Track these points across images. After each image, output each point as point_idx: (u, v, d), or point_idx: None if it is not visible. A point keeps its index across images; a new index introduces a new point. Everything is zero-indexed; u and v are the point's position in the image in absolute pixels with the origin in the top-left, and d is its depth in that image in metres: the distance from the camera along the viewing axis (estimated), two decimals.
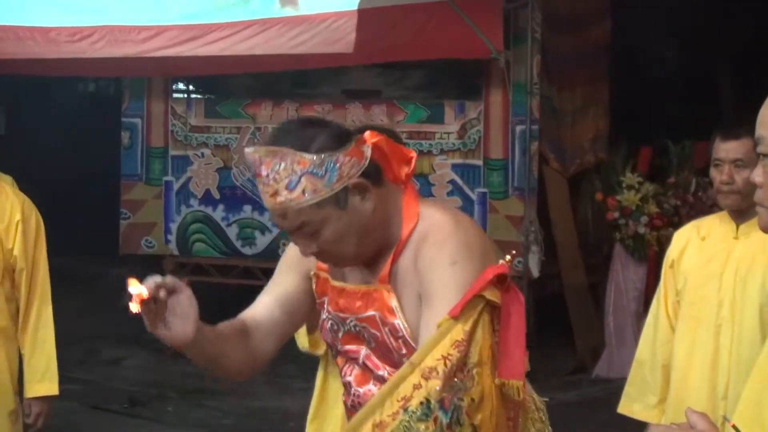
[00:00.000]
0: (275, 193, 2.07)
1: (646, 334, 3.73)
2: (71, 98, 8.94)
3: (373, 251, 2.20)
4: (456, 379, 1.92)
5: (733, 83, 11.46)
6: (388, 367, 2.18)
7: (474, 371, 1.93)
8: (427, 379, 1.90)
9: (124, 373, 8.46)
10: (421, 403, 1.87)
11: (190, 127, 8.70)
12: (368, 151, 2.12)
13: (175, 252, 8.70)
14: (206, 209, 8.59)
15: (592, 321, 8.40)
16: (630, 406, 3.67)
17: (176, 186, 8.74)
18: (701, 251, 3.50)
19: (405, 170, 2.22)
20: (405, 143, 4.06)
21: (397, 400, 1.89)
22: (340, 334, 2.29)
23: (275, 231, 8.24)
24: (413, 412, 1.88)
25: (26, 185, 5.84)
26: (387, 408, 1.90)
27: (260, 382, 7.24)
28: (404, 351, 2.14)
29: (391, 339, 2.16)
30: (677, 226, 4.64)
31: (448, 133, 7.93)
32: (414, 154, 2.29)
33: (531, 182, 7.74)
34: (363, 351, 2.24)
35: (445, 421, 1.88)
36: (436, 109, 8.06)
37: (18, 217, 3.95)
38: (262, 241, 8.52)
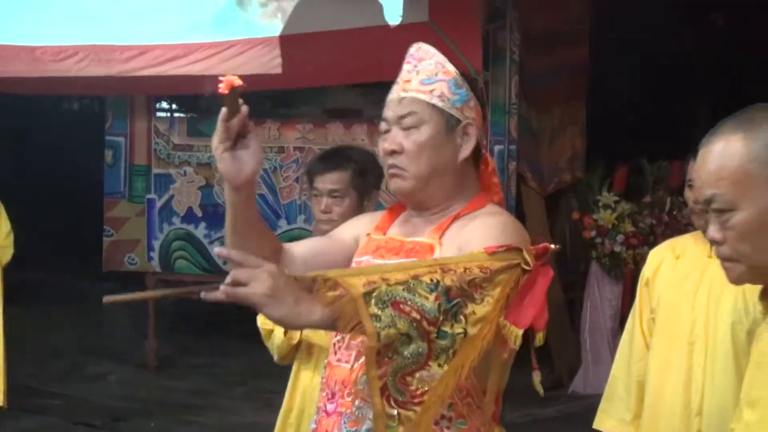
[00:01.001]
0: (408, 81, 2.23)
1: (621, 351, 3.73)
2: (55, 116, 8.90)
3: (428, 199, 2.29)
4: (469, 288, 1.95)
5: (710, 104, 11.35)
6: None
7: (487, 297, 1.97)
8: (444, 272, 1.94)
9: (107, 388, 8.27)
10: (431, 280, 1.92)
11: (172, 145, 8.68)
12: (479, 140, 2.32)
13: (158, 269, 8.62)
14: (188, 227, 8.56)
15: (569, 337, 8.44)
16: (605, 421, 3.65)
17: (159, 204, 8.68)
18: (676, 270, 3.53)
19: (494, 180, 2.37)
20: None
21: (410, 274, 1.94)
22: None
23: None
24: (421, 280, 1.92)
25: (9, 203, 6.01)
26: (398, 274, 1.94)
27: (242, 398, 7.30)
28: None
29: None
30: (652, 244, 4.73)
31: None
32: (499, 190, 2.41)
33: (509, 200, 7.66)
34: None
35: (445, 305, 1.91)
36: None
37: None
38: None
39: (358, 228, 2.49)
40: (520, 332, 2.05)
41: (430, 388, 1.99)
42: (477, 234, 2.21)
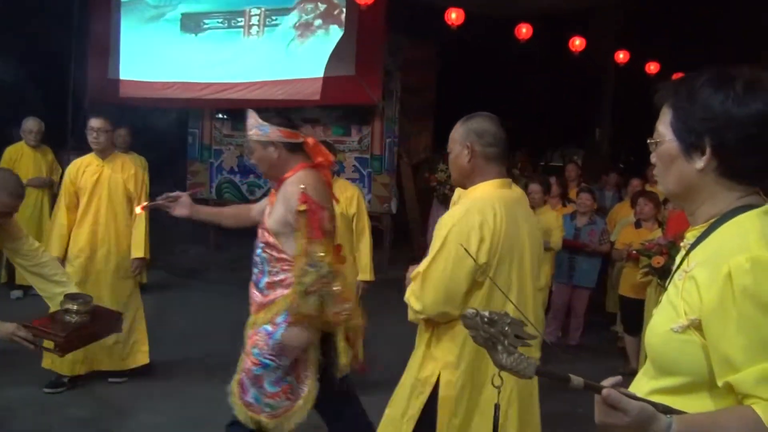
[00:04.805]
0: (246, 130, 2.87)
1: None
2: (161, 118, 9.16)
3: (274, 176, 2.86)
4: (309, 250, 2.58)
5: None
6: (260, 227, 2.87)
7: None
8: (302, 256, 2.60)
9: (188, 257, 9.13)
10: (303, 270, 2.59)
11: (223, 134, 10.12)
12: (300, 140, 2.82)
13: (214, 197, 9.91)
14: (231, 176, 10.05)
15: (420, 233, 9.69)
16: None
17: (216, 164, 10.24)
18: None
19: (318, 159, 2.87)
20: (334, 146, 4.97)
21: (299, 271, 2.59)
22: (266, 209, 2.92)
23: (266, 187, 8.92)
24: (303, 273, 2.57)
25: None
26: (297, 277, 2.61)
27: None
28: (272, 214, 2.83)
29: (266, 212, 2.88)
30: None
31: (353, 141, 9.49)
32: (331, 158, 2.94)
33: (393, 166, 9.35)
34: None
35: (318, 272, 2.58)
36: (347, 128, 9.48)
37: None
38: (260, 192, 9.53)
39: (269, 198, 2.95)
40: (321, 241, 2.59)
41: (338, 294, 2.59)
42: (291, 203, 2.71)
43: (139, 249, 4.45)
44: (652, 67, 10.99)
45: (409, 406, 2.30)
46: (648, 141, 1.42)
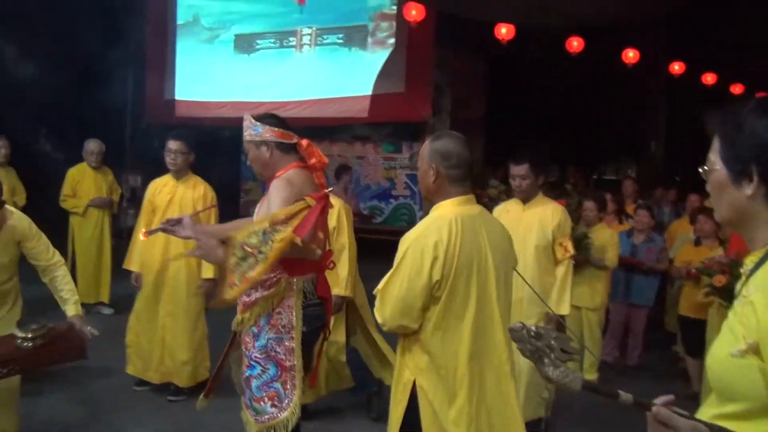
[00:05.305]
0: (244, 131, 2.85)
1: None
2: (215, 137, 9.55)
3: (267, 176, 2.87)
4: (273, 226, 2.52)
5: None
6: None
7: (283, 229, 2.53)
8: (266, 223, 2.54)
9: None
10: (259, 228, 2.51)
11: None
12: (293, 140, 2.83)
13: None
14: None
15: None
16: None
17: None
18: (509, 216, 4.04)
19: (312, 160, 2.85)
20: (383, 164, 6.80)
21: (254, 227, 2.53)
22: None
23: None
24: (253, 230, 2.51)
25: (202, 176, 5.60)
26: (252, 228, 2.55)
27: None
28: (260, 212, 2.86)
29: (260, 208, 2.88)
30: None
31: (404, 158, 9.66)
32: (326, 161, 2.89)
33: None
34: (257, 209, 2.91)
35: (261, 239, 2.49)
36: (398, 145, 9.69)
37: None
38: None
39: None
40: (299, 239, 2.52)
41: (253, 276, 2.52)
42: (271, 199, 2.72)
43: (209, 269, 4.46)
44: (709, 78, 10.70)
45: (393, 411, 2.43)
46: (700, 170, 1.42)
